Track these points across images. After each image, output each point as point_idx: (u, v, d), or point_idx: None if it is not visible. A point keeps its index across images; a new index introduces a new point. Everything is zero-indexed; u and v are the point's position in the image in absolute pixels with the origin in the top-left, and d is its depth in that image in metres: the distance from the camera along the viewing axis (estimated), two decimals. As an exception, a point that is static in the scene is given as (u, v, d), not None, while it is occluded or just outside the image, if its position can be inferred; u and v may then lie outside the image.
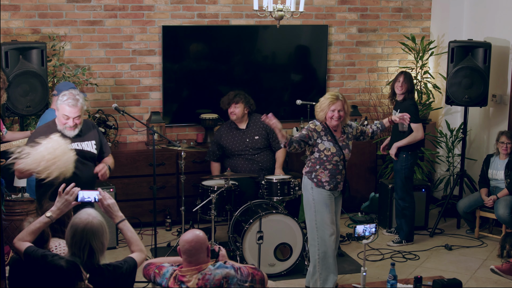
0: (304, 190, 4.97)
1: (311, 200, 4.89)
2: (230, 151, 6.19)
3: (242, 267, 3.50)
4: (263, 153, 6.20)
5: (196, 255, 3.45)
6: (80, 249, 3.25)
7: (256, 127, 6.21)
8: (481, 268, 5.69)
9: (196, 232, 3.49)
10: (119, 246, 6.11)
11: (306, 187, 4.94)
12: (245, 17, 7.05)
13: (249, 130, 6.20)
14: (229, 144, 6.17)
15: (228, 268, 3.45)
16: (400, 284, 4.33)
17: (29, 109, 5.85)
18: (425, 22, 7.67)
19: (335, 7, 7.34)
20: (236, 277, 3.43)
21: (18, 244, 3.43)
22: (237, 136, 6.18)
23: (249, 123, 6.22)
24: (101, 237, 3.29)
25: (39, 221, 3.54)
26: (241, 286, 3.43)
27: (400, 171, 6.13)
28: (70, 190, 3.59)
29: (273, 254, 5.43)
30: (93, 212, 3.35)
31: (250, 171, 6.11)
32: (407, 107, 6.02)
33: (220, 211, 5.73)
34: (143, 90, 6.93)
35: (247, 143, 6.15)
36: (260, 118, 5.91)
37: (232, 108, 6.13)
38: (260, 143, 6.18)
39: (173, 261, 3.67)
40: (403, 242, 6.21)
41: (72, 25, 6.60)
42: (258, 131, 6.20)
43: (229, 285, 3.40)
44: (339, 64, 7.48)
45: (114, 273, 3.31)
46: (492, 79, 6.63)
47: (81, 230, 3.25)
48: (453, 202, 6.83)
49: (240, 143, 6.16)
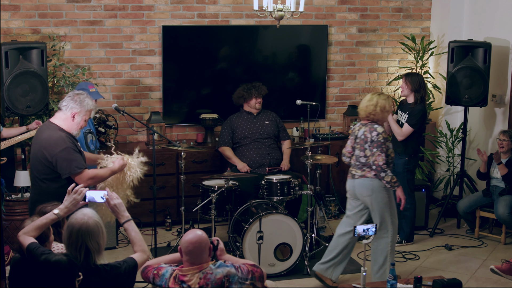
0: (375, 192, 5.01)
1: (387, 198, 5.04)
2: (240, 135, 6.37)
3: (242, 265, 3.51)
4: (272, 143, 6.38)
5: (199, 255, 3.45)
6: (76, 250, 3.26)
7: (266, 115, 6.53)
8: (481, 268, 5.69)
9: (198, 233, 3.49)
10: (119, 246, 6.11)
11: (377, 188, 5.01)
12: (245, 17, 7.05)
13: (259, 116, 6.49)
14: (240, 126, 6.40)
15: (228, 267, 3.46)
16: (400, 284, 4.32)
17: (29, 109, 5.85)
18: (425, 22, 7.67)
19: (335, 7, 7.34)
20: (237, 275, 3.45)
21: (22, 238, 3.45)
22: (249, 120, 6.45)
23: (260, 112, 6.52)
24: (96, 237, 3.29)
25: (46, 217, 3.58)
26: (242, 284, 3.44)
27: (402, 173, 6.11)
28: (79, 190, 3.65)
29: (273, 254, 5.43)
30: (89, 212, 3.36)
31: (258, 156, 6.27)
32: (415, 112, 5.98)
33: (220, 211, 5.73)
34: (143, 90, 6.92)
35: (257, 126, 6.41)
36: (270, 113, 6.52)
37: (260, 98, 6.43)
38: (270, 129, 6.44)
39: (170, 260, 3.66)
40: (403, 242, 6.21)
41: (72, 25, 6.60)
42: (268, 118, 6.51)
43: (230, 283, 3.41)
44: (339, 64, 7.48)
45: (111, 273, 3.32)
46: (492, 79, 6.63)
47: (76, 231, 3.27)
48: (453, 202, 6.83)
49: (251, 125, 6.41)
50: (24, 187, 5.81)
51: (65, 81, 6.35)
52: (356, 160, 5.09)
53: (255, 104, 6.41)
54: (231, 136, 6.41)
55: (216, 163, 6.70)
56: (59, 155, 4.22)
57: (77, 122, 4.34)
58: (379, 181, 4.99)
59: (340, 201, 7.04)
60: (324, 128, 7.42)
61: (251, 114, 6.50)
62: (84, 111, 4.35)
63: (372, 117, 5.01)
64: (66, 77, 6.41)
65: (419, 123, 6.00)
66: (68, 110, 4.32)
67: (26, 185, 5.77)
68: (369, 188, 5.02)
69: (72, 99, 4.34)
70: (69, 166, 4.22)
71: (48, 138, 4.28)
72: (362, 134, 5.04)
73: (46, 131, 4.33)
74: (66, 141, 4.26)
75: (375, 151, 4.92)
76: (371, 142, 4.95)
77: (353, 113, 7.31)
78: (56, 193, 4.06)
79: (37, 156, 4.31)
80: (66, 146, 4.24)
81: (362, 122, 5.12)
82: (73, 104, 4.32)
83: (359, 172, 5.07)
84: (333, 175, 6.99)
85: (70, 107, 4.32)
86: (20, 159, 6.18)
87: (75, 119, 4.33)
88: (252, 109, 6.47)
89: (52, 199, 3.90)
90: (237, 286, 3.43)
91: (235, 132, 6.40)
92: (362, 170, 5.05)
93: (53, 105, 6.20)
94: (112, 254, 5.80)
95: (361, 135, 5.05)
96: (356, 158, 5.09)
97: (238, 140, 6.39)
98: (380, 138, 4.92)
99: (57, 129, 4.31)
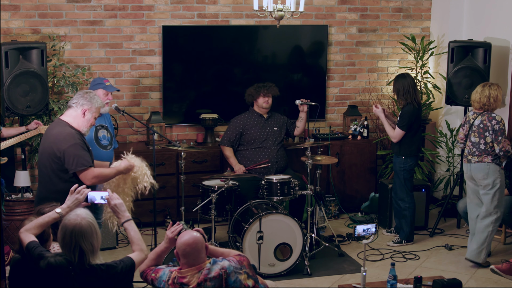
0: (492, 175, 5.52)
1: (501, 180, 5.56)
2: (249, 138, 6.28)
3: (231, 258, 3.58)
4: (279, 148, 6.32)
5: (197, 256, 3.47)
6: (70, 251, 3.28)
7: (276, 119, 6.45)
8: (481, 268, 5.68)
9: (193, 234, 3.51)
10: (119, 246, 6.11)
11: (495, 171, 5.53)
12: (245, 17, 7.05)
13: (269, 120, 6.40)
14: (250, 128, 6.30)
15: (222, 261, 3.52)
16: (400, 284, 4.33)
17: (29, 109, 5.85)
18: (425, 22, 7.67)
19: (335, 7, 7.34)
20: (232, 265, 3.51)
21: (23, 235, 3.47)
22: (259, 123, 6.35)
23: (270, 116, 6.43)
24: (90, 238, 3.31)
25: (48, 215, 3.61)
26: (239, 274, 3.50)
27: (399, 172, 6.13)
28: (81, 190, 3.72)
29: (273, 254, 5.43)
30: (82, 212, 3.38)
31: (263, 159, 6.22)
32: (402, 113, 6.08)
33: (220, 211, 5.72)
34: (143, 90, 6.93)
35: (267, 131, 6.32)
36: (280, 117, 6.45)
37: (267, 97, 6.34)
38: (278, 135, 6.36)
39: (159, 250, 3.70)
40: (403, 242, 6.21)
41: (72, 25, 6.60)
42: (277, 123, 6.41)
43: (228, 275, 3.47)
44: (339, 64, 7.48)
45: (107, 273, 3.33)
46: (492, 79, 6.63)
47: (70, 232, 3.29)
48: (453, 202, 6.83)
49: (260, 130, 6.32)
50: (24, 187, 5.80)
51: (65, 81, 6.35)
52: (473, 146, 5.60)
53: (263, 103, 6.31)
54: (238, 137, 6.32)
55: (216, 163, 6.70)
56: (68, 150, 4.28)
57: (88, 119, 4.42)
58: (495, 165, 5.52)
59: (340, 201, 7.05)
60: (324, 128, 7.42)
61: (261, 117, 6.37)
62: (94, 108, 4.44)
63: (487, 108, 5.56)
64: (66, 77, 6.41)
65: (407, 125, 6.03)
66: (79, 107, 4.41)
67: (26, 185, 5.78)
68: (485, 172, 5.53)
69: (82, 96, 4.44)
70: (75, 161, 4.28)
71: (58, 134, 4.35)
72: (480, 123, 5.56)
73: (56, 127, 4.41)
74: (76, 137, 4.34)
75: (500, 138, 5.48)
76: (494, 131, 5.50)
77: (353, 113, 7.31)
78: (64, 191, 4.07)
79: (46, 152, 4.37)
80: (75, 142, 4.31)
81: (476, 112, 5.62)
82: (83, 101, 4.41)
83: (475, 158, 5.58)
84: (333, 175, 6.99)
85: (81, 103, 4.41)
86: (20, 159, 6.18)
87: (86, 115, 4.41)
88: (260, 108, 6.35)
89: (60, 197, 3.93)
90: (234, 276, 3.48)
91: (244, 134, 6.30)
92: (479, 156, 5.55)
93: (53, 105, 6.21)
94: (112, 254, 5.80)
95: (478, 124, 5.57)
96: (473, 145, 5.60)
97: (244, 143, 6.32)
98: (501, 126, 5.50)
99: (67, 126, 4.39)
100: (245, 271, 3.53)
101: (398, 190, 6.22)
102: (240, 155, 6.33)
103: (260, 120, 6.36)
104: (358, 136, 7.16)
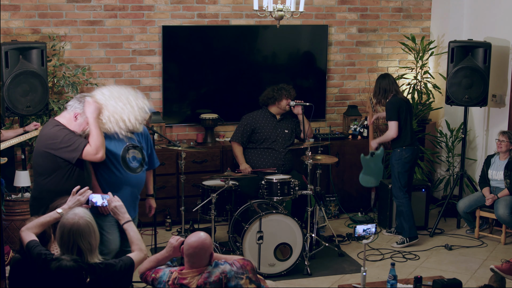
0: None
1: None
2: (260, 137, 6.22)
3: (234, 261, 3.57)
4: (287, 152, 6.28)
5: (200, 260, 3.47)
6: (68, 250, 3.29)
7: (287, 122, 6.37)
8: (481, 268, 5.69)
9: (202, 237, 3.50)
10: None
11: None
12: (245, 17, 7.05)
13: (281, 123, 6.34)
14: (262, 127, 6.24)
15: (223, 265, 3.51)
16: (400, 284, 4.33)
17: (29, 109, 5.85)
18: (425, 22, 7.67)
19: (335, 7, 7.34)
20: (233, 270, 3.50)
21: (24, 234, 3.49)
22: (271, 123, 6.29)
23: (282, 118, 6.37)
24: (88, 237, 3.32)
25: (50, 215, 3.62)
26: (240, 279, 3.49)
27: (394, 165, 6.15)
28: (84, 192, 3.75)
29: (273, 254, 5.43)
30: (80, 211, 3.39)
31: (272, 164, 6.16)
32: (386, 107, 6.14)
33: (220, 211, 5.72)
34: (143, 90, 6.90)
35: (278, 133, 6.27)
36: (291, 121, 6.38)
37: (290, 99, 6.24)
38: (287, 138, 6.30)
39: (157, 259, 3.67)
40: (406, 242, 6.18)
41: (72, 25, 6.60)
42: (288, 126, 6.35)
43: (228, 279, 3.46)
44: (339, 64, 7.48)
45: (106, 271, 3.34)
46: (492, 79, 6.63)
47: (67, 231, 3.30)
48: (453, 202, 6.83)
49: (272, 130, 6.26)
50: (24, 187, 5.80)
51: (65, 81, 6.35)
52: None
53: (286, 105, 6.24)
54: (249, 134, 6.25)
55: (216, 163, 6.70)
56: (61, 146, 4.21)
57: (79, 123, 4.32)
58: None
59: (340, 201, 7.05)
60: (324, 128, 7.42)
61: (274, 117, 6.31)
62: None
63: None
64: (66, 77, 6.41)
65: (394, 114, 6.07)
66: (71, 110, 4.33)
67: (26, 185, 5.77)
68: None
69: (77, 100, 4.36)
70: (73, 149, 4.20)
71: (47, 133, 4.30)
72: None
73: (48, 126, 4.37)
74: (64, 130, 4.26)
75: None
76: None
77: (353, 113, 7.31)
78: (56, 190, 4.06)
79: (38, 151, 4.32)
80: (65, 134, 4.24)
81: None
82: (77, 105, 4.32)
83: None
84: (333, 175, 6.99)
85: (74, 107, 4.32)
86: (20, 159, 6.18)
87: (78, 119, 4.32)
88: (281, 110, 6.28)
89: (51, 196, 3.92)
90: (235, 281, 3.47)
91: (255, 132, 6.25)
92: None
93: (53, 105, 6.21)
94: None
95: None
96: None
97: (254, 141, 6.26)
98: None
99: (59, 125, 4.31)
100: (248, 276, 3.52)
101: (393, 187, 6.24)
102: (249, 153, 6.29)
103: (272, 120, 6.31)
104: (358, 136, 7.16)
